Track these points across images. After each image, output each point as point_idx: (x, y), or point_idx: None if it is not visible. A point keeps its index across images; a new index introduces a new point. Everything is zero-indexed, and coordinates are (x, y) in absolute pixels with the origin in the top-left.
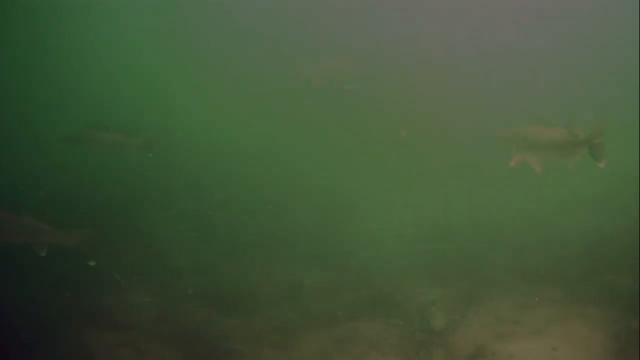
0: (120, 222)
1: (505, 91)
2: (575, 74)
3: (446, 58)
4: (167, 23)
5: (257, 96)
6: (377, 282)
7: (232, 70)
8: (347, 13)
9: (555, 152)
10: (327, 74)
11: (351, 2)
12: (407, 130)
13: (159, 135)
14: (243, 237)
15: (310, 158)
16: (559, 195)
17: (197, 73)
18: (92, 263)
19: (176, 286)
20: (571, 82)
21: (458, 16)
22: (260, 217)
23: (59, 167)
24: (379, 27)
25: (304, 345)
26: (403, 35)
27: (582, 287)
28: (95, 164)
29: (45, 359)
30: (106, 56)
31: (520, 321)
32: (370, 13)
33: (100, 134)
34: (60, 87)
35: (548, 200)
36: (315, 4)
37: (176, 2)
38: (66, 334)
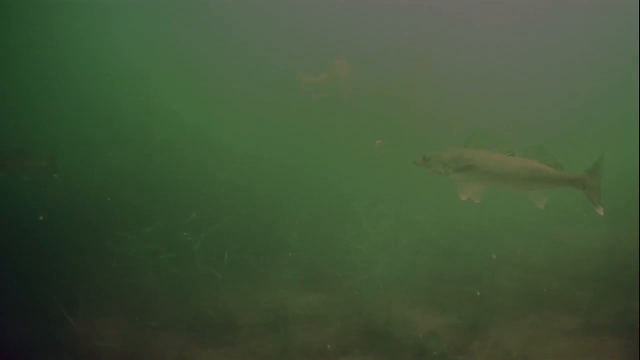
0: (89, 242)
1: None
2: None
3: (443, 59)
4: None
5: (249, 103)
6: (370, 309)
7: (222, 76)
8: (345, 14)
9: (519, 186)
10: (329, 82)
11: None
12: (383, 140)
13: (58, 154)
14: (224, 258)
15: (302, 170)
16: (563, 205)
17: (181, 76)
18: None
19: (149, 312)
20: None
21: (454, 17)
22: (243, 236)
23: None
24: (377, 28)
25: None
26: (400, 36)
27: (596, 314)
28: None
29: None
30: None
31: (531, 357)
32: (367, 14)
33: None
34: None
35: (552, 210)
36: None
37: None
38: None
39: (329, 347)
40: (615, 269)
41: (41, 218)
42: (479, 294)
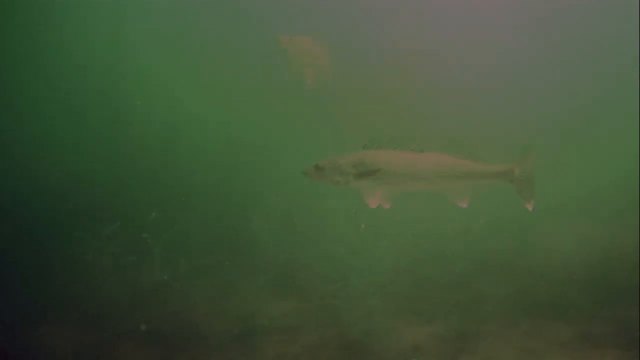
0: (46, 247)
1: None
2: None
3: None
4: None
5: (224, 96)
6: (348, 318)
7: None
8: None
9: (435, 185)
10: (303, 50)
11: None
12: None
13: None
14: (190, 262)
15: (277, 164)
16: (551, 204)
17: (152, 69)
18: None
19: (110, 321)
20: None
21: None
22: (212, 239)
23: None
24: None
25: None
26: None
27: (594, 323)
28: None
29: None
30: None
31: None
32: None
33: None
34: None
35: (541, 210)
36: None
37: None
38: None
39: None
40: (611, 273)
41: None
42: (466, 300)
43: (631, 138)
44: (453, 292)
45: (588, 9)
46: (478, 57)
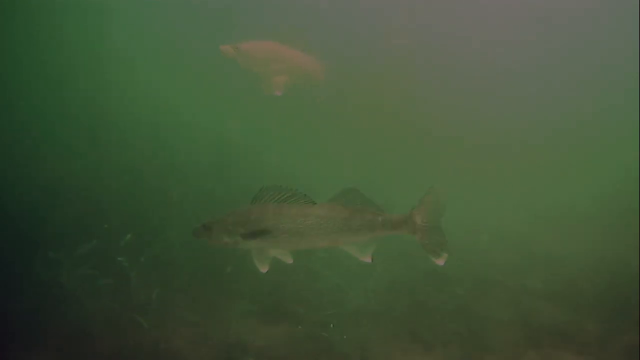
0: (12, 265)
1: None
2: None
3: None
4: None
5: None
6: (341, 346)
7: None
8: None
9: (330, 241)
10: (255, 58)
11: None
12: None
13: None
14: (169, 284)
15: (263, 175)
16: (551, 214)
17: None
18: None
19: (79, 348)
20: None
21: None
22: (192, 257)
23: None
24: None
25: None
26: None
27: (607, 352)
28: None
29: None
30: None
31: None
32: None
33: None
34: None
35: (541, 222)
36: None
37: None
38: None
39: None
40: (620, 294)
41: None
42: (467, 326)
43: (630, 139)
44: (453, 317)
45: (588, 8)
46: (475, 56)
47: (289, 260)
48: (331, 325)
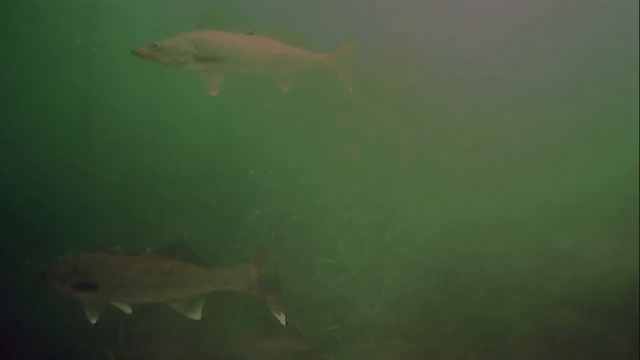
0: None
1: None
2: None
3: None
4: None
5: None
6: None
7: None
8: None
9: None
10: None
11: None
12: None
13: None
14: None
15: (263, 177)
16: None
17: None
18: None
19: None
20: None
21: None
22: None
23: None
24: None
25: None
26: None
27: None
28: None
29: None
30: None
31: None
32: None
33: None
34: None
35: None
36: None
37: None
38: None
39: None
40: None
41: None
42: (483, 339)
43: (630, 139)
44: (467, 328)
45: (588, 8)
46: (473, 54)
47: (128, 310)
48: (329, 339)
